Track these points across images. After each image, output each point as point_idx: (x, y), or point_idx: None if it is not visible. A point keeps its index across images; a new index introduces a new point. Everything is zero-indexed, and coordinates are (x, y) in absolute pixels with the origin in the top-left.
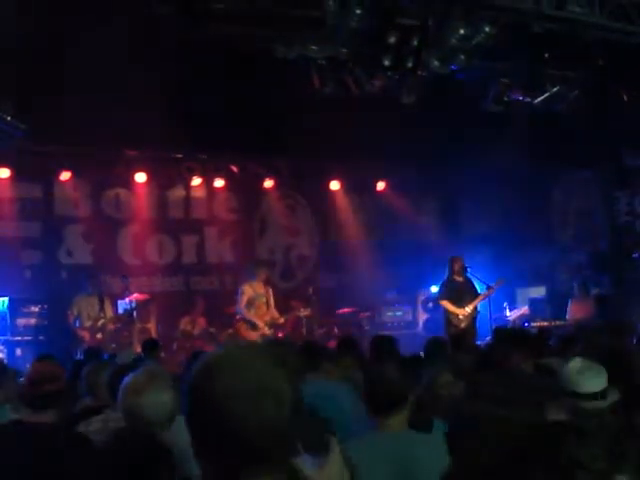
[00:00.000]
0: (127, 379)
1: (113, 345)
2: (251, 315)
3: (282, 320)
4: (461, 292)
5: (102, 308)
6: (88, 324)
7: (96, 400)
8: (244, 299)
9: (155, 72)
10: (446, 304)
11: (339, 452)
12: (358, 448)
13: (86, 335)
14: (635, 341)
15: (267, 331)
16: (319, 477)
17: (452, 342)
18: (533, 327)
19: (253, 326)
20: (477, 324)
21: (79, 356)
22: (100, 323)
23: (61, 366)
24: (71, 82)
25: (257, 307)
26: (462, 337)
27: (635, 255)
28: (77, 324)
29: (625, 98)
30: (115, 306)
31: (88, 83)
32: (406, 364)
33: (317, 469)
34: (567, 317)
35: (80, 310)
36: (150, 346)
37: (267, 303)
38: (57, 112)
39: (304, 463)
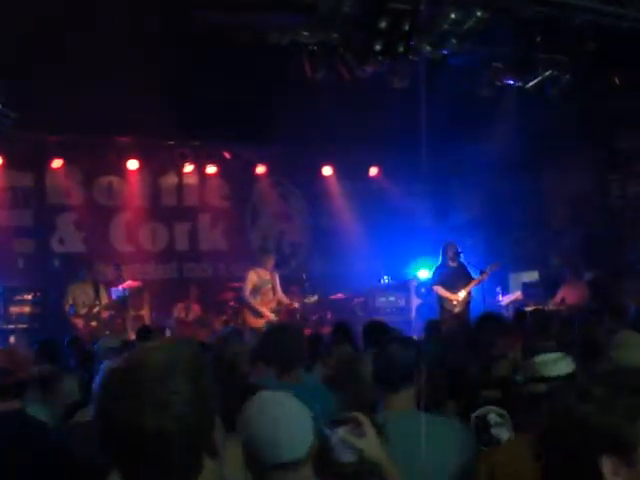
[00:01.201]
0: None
1: (107, 332)
2: (256, 302)
3: (294, 305)
4: (455, 277)
5: (97, 296)
6: (83, 312)
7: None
8: (249, 286)
9: (146, 59)
10: (440, 289)
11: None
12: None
13: (79, 323)
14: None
15: (273, 317)
16: (364, 445)
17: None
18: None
19: (258, 314)
20: (471, 309)
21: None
22: (95, 310)
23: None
24: (63, 69)
25: (263, 293)
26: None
27: (626, 238)
28: (72, 312)
29: (617, 81)
30: (109, 293)
31: (80, 70)
32: (409, 344)
33: (359, 439)
34: (553, 300)
35: (75, 298)
36: (144, 334)
37: (274, 289)
38: (48, 100)
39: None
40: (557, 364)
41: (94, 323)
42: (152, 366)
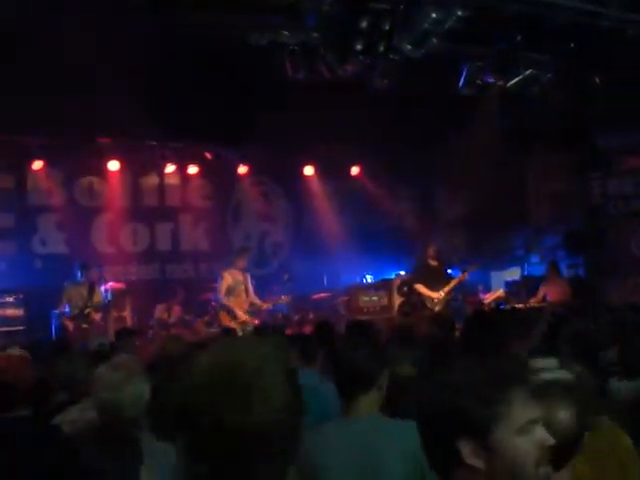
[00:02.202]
0: (102, 373)
1: (95, 334)
2: (231, 303)
3: (265, 306)
4: (435, 276)
5: (90, 297)
6: (75, 312)
7: (72, 394)
8: (224, 287)
9: (128, 60)
10: (420, 288)
11: None
12: (323, 434)
13: (70, 325)
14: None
15: (247, 319)
16: None
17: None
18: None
19: (232, 314)
20: (451, 308)
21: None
22: (86, 312)
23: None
24: (42, 71)
25: (237, 295)
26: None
27: (608, 236)
28: (67, 313)
29: (597, 80)
30: (103, 294)
31: (60, 72)
32: (380, 348)
33: None
34: (533, 299)
35: (70, 299)
36: (124, 335)
37: (246, 290)
38: (28, 101)
39: None
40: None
41: (85, 325)
42: (253, 363)
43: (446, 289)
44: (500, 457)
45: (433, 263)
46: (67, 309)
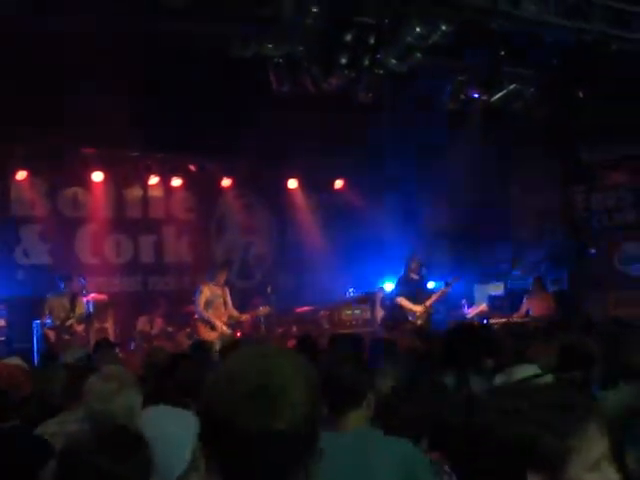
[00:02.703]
0: (94, 383)
1: (76, 346)
2: (209, 315)
3: (243, 318)
4: (418, 290)
5: (72, 308)
6: (57, 324)
7: (43, 407)
8: (202, 300)
9: (112, 71)
10: (402, 301)
11: None
12: None
13: (52, 336)
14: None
15: (225, 331)
16: None
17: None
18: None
19: (211, 326)
20: (432, 322)
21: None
22: (68, 323)
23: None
24: (28, 81)
25: (215, 307)
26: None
27: (592, 250)
28: (49, 324)
29: (581, 95)
30: (86, 305)
31: (44, 82)
32: (365, 362)
33: None
34: (516, 314)
35: (51, 310)
36: (103, 347)
37: (225, 303)
38: (12, 111)
39: None
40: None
41: (67, 336)
42: (280, 372)
43: (428, 303)
44: None
45: (415, 277)
46: (49, 320)
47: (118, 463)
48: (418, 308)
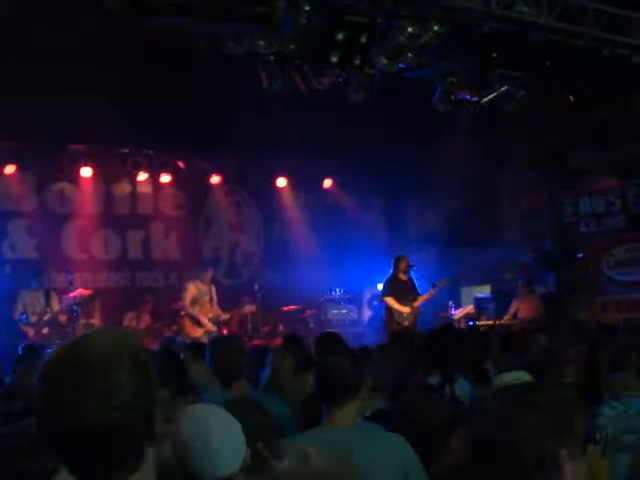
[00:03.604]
0: None
1: (57, 341)
2: (195, 312)
3: (226, 316)
4: (405, 290)
5: (48, 303)
6: (33, 319)
7: (26, 403)
8: (188, 297)
9: (101, 67)
10: (390, 301)
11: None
12: (308, 440)
13: (30, 331)
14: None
15: (211, 327)
16: None
17: (392, 339)
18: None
19: (197, 323)
20: (419, 323)
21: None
22: (46, 318)
23: None
24: (17, 76)
25: (201, 305)
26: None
27: (579, 255)
28: (23, 320)
29: (571, 99)
30: (61, 301)
31: (34, 77)
32: (356, 358)
33: None
34: (507, 316)
35: (25, 305)
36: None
37: (210, 300)
38: (1, 105)
39: None
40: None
41: (45, 331)
42: (97, 356)
43: (415, 304)
44: None
45: (403, 277)
46: (23, 316)
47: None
48: (405, 309)
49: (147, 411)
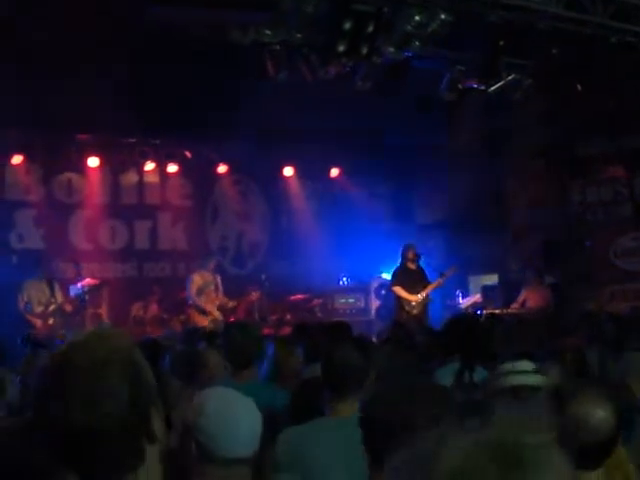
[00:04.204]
0: None
1: (63, 331)
2: (201, 301)
3: (232, 304)
4: (414, 279)
5: (52, 293)
6: (39, 310)
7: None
8: (194, 287)
9: (109, 56)
10: (399, 290)
11: None
12: (308, 434)
13: (38, 322)
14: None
15: (218, 315)
16: None
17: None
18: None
19: (203, 312)
20: (429, 311)
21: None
22: (52, 308)
23: None
24: (23, 65)
25: (207, 294)
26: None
27: (587, 244)
28: (28, 309)
29: (579, 87)
30: (66, 291)
31: (40, 67)
32: (362, 348)
33: None
34: (515, 304)
35: (30, 296)
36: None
37: (216, 289)
38: (8, 96)
39: None
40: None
41: (51, 321)
42: (83, 361)
43: (424, 292)
44: None
45: (412, 266)
46: (28, 306)
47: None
48: (414, 298)
49: (143, 412)
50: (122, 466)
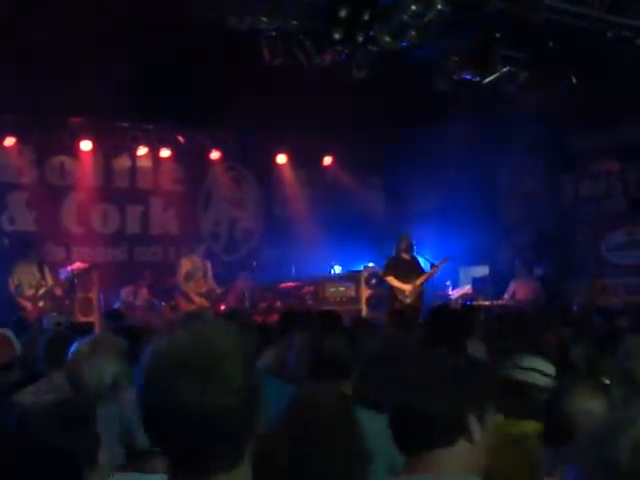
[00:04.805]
0: (74, 347)
1: (54, 314)
2: (188, 288)
3: (219, 291)
4: (407, 269)
5: (43, 276)
6: (30, 293)
7: (25, 372)
8: (182, 272)
9: (101, 42)
10: (391, 280)
11: None
12: None
13: (28, 305)
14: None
15: (204, 302)
16: None
17: (394, 318)
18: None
19: (190, 299)
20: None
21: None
22: (42, 291)
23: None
24: (18, 49)
25: (195, 280)
26: (405, 313)
27: (578, 237)
28: (18, 292)
29: (574, 80)
30: (56, 274)
31: (35, 50)
32: (351, 337)
33: None
34: (506, 296)
35: (20, 279)
36: (112, 316)
37: (205, 275)
38: (2, 78)
39: None
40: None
41: (41, 304)
42: (211, 346)
43: (418, 282)
44: None
45: (406, 256)
46: (18, 288)
47: (62, 436)
48: (407, 287)
49: (252, 401)
50: (226, 460)
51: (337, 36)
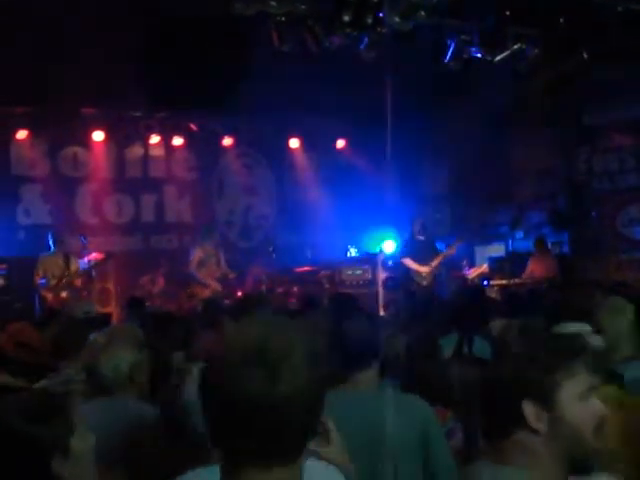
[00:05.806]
0: (94, 339)
1: (74, 305)
2: (202, 274)
3: (233, 275)
4: (423, 251)
5: (67, 266)
6: (53, 283)
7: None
8: (195, 260)
9: (112, 30)
10: (408, 262)
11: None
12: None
13: (49, 295)
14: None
15: (218, 287)
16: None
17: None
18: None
19: (204, 285)
20: (437, 282)
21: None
22: (64, 281)
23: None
24: (28, 41)
25: (208, 267)
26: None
27: (593, 213)
28: (44, 284)
29: (585, 56)
30: (79, 264)
31: (45, 42)
32: (372, 321)
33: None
34: (525, 274)
35: (45, 270)
36: (134, 304)
37: (218, 262)
38: (14, 70)
39: None
40: None
41: (64, 294)
42: (280, 337)
43: (434, 263)
44: (561, 421)
45: (420, 238)
46: (43, 280)
47: (28, 424)
48: (424, 269)
49: (318, 396)
50: (286, 455)
51: (346, 18)
